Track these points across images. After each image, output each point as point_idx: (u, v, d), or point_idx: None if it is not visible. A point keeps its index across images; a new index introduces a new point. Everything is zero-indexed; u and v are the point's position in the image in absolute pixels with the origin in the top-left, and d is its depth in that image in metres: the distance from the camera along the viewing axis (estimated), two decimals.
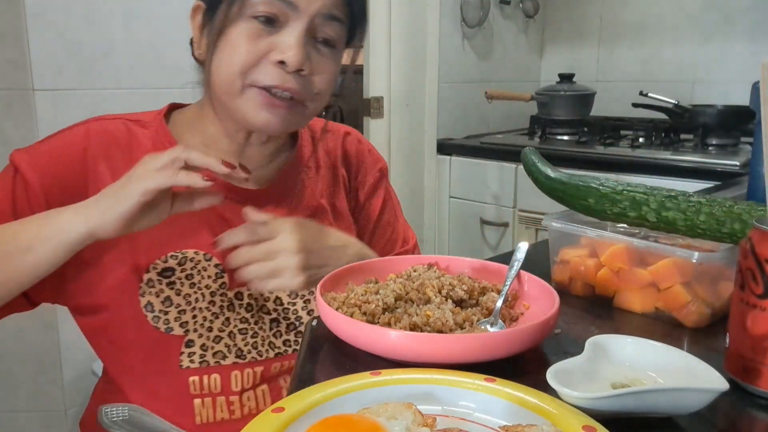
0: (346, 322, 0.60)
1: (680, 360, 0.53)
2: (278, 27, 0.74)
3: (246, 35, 0.74)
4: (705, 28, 2.25)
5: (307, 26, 0.74)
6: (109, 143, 0.80)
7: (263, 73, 0.74)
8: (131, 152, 0.80)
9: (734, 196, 1.00)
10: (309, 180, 0.91)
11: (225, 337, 0.82)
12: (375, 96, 2.07)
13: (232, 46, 0.74)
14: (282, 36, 0.74)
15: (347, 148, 0.98)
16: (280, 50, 0.74)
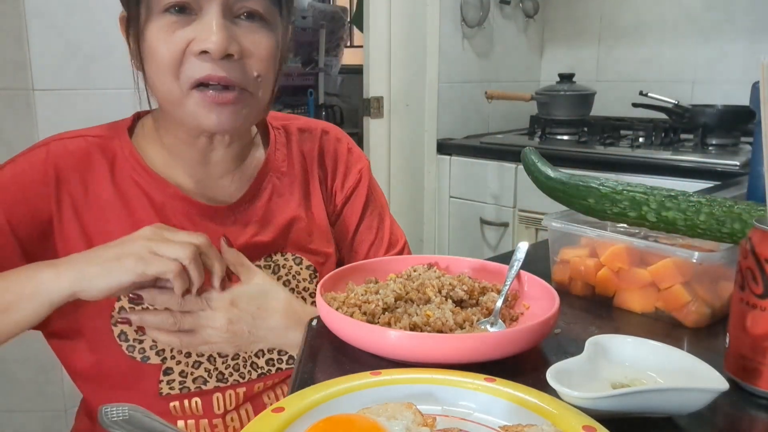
0: (346, 322, 0.60)
1: (680, 360, 0.53)
2: (193, 14, 0.69)
3: (162, 33, 0.69)
4: (705, 28, 2.25)
5: (222, 7, 0.69)
6: (69, 165, 0.76)
7: (191, 69, 0.69)
8: (93, 171, 0.77)
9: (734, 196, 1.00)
10: (284, 187, 0.86)
11: (204, 362, 0.78)
12: (375, 96, 2.07)
13: (152, 49, 0.70)
14: (198, 24, 0.69)
15: (325, 147, 0.91)
16: (199, 40, 0.68)
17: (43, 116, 1.44)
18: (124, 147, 0.79)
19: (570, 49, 2.61)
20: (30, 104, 1.43)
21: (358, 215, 0.92)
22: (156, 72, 0.71)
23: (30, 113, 1.43)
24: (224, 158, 0.81)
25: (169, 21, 0.69)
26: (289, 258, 0.84)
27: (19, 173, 0.75)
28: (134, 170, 0.78)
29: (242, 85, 0.72)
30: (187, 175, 0.80)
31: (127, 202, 0.77)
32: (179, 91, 0.71)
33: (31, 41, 1.40)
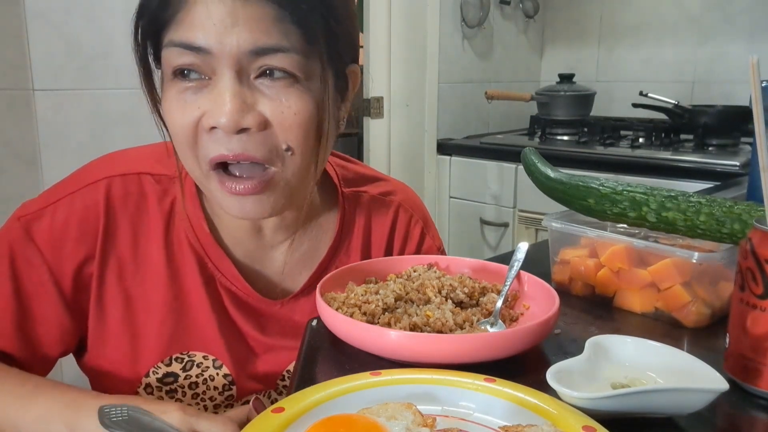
0: (346, 322, 0.60)
1: (680, 360, 0.53)
2: (206, 78, 0.58)
3: (175, 102, 0.59)
4: (705, 28, 2.25)
5: (235, 71, 0.57)
6: (123, 212, 0.68)
7: (205, 147, 0.59)
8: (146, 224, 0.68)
9: (734, 196, 1.00)
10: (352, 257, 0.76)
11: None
12: (375, 96, 2.07)
13: (168, 122, 0.61)
14: (211, 91, 0.58)
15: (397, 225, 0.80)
16: (209, 114, 0.57)
17: (43, 116, 1.43)
18: (187, 194, 0.69)
19: (570, 50, 2.61)
20: (30, 104, 1.43)
21: None
22: (177, 146, 0.62)
23: (30, 113, 1.43)
24: (276, 229, 0.72)
25: (182, 87, 0.59)
26: None
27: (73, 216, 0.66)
28: (191, 229, 0.69)
29: (266, 161, 0.60)
30: (234, 242, 0.71)
31: (176, 269, 0.69)
32: (200, 171, 0.61)
33: (31, 41, 1.40)
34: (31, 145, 1.44)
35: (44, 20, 1.41)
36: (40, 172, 1.44)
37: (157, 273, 0.68)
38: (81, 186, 0.67)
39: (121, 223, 0.67)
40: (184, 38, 0.57)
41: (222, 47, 0.56)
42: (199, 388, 0.70)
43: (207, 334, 0.69)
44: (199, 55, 0.57)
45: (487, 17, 2.35)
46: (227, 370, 0.71)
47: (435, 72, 2.21)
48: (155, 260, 0.68)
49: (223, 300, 0.71)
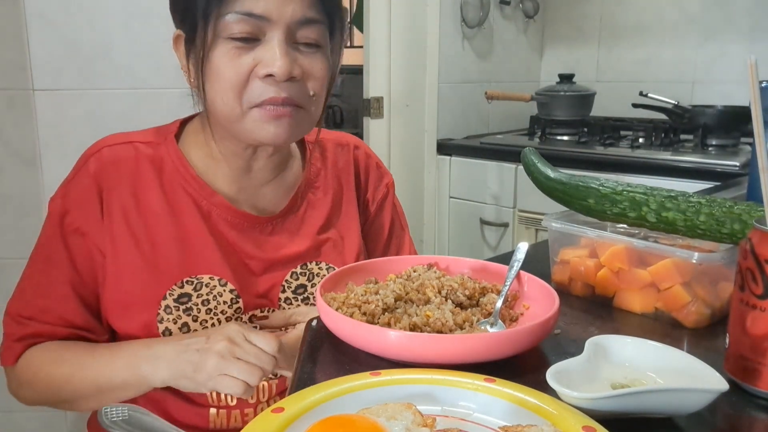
0: (346, 322, 0.60)
1: (680, 360, 0.53)
2: (257, 41, 0.74)
3: (227, 58, 0.74)
4: (705, 28, 2.25)
5: (285, 34, 0.74)
6: (119, 173, 0.82)
7: (255, 90, 0.74)
8: (142, 179, 0.82)
9: (734, 197, 1.00)
10: (317, 200, 0.91)
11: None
12: (375, 96, 2.07)
13: (217, 72, 0.74)
14: (263, 49, 0.74)
15: (358, 163, 0.98)
16: (264, 64, 0.73)
17: (43, 116, 1.44)
18: (172, 154, 0.84)
19: (570, 50, 2.61)
20: (30, 104, 1.43)
21: (387, 228, 1.00)
22: (219, 91, 0.75)
23: (30, 113, 1.43)
24: (265, 167, 0.86)
25: (235, 46, 0.73)
26: (323, 267, 0.89)
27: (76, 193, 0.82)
28: (183, 178, 0.83)
29: (300, 103, 0.77)
30: (229, 182, 0.85)
31: (175, 210, 0.82)
32: (240, 110, 0.75)
33: (31, 41, 1.40)
34: (31, 145, 1.44)
35: (44, 20, 1.41)
36: (40, 172, 1.44)
37: (157, 215, 0.82)
38: (86, 159, 0.83)
39: (120, 180, 0.81)
40: (248, 8, 0.72)
41: (280, 15, 0.73)
42: (210, 303, 0.82)
43: (210, 258, 0.82)
44: (258, 22, 0.73)
45: (487, 17, 2.35)
46: (232, 286, 0.83)
47: (435, 72, 2.21)
48: (154, 205, 0.82)
49: (221, 229, 0.84)
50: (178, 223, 0.82)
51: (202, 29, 0.73)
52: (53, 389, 0.81)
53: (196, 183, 0.83)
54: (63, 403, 0.84)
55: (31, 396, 0.84)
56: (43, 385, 0.81)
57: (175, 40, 0.80)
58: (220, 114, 0.77)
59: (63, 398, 0.82)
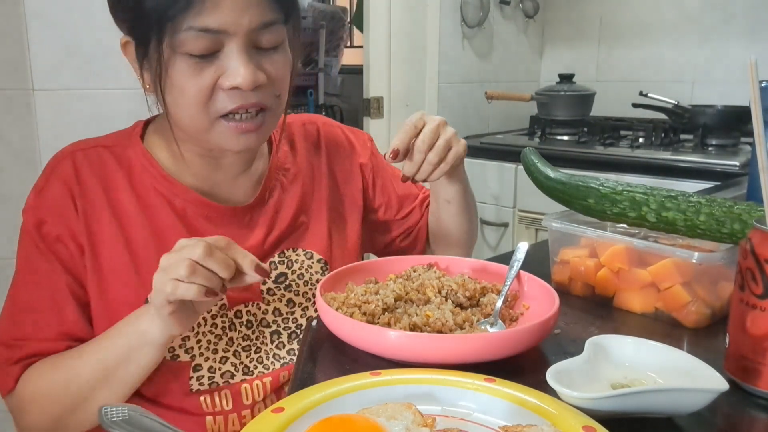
0: (346, 322, 0.60)
1: (680, 360, 0.53)
2: (216, 53, 0.71)
3: (188, 74, 0.71)
4: (705, 28, 2.25)
5: (245, 44, 0.71)
6: (90, 174, 0.80)
7: (222, 102, 0.72)
8: (111, 181, 0.80)
9: (734, 197, 1.00)
10: (289, 183, 0.90)
11: (231, 357, 0.82)
12: (375, 96, 2.07)
13: (179, 88, 0.72)
14: (224, 61, 0.71)
15: (333, 137, 0.97)
16: (228, 76, 0.71)
17: (43, 116, 1.44)
18: (140, 155, 0.82)
19: (570, 50, 2.61)
20: (30, 104, 1.43)
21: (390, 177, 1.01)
22: (182, 106, 0.73)
23: (30, 113, 1.43)
24: (235, 163, 0.84)
25: (194, 62, 0.70)
26: (300, 253, 0.88)
27: (50, 200, 0.79)
28: (153, 178, 0.81)
29: (267, 106, 0.75)
30: (200, 178, 0.83)
31: (149, 211, 0.80)
32: (207, 121, 0.73)
33: (31, 41, 1.40)
34: (31, 145, 1.44)
35: (44, 20, 1.41)
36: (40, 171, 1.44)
37: (131, 217, 0.80)
38: (55, 165, 0.81)
39: (92, 184, 0.80)
40: (203, 23, 0.69)
41: (237, 27, 0.70)
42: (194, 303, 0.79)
43: None
44: (216, 36, 0.70)
45: (487, 17, 2.35)
46: None
47: (435, 72, 2.21)
48: (127, 208, 0.80)
49: (197, 225, 0.82)
50: (152, 224, 0.80)
51: (156, 44, 0.70)
52: (58, 394, 0.76)
53: (166, 182, 0.81)
54: (72, 414, 0.76)
55: (38, 418, 0.78)
56: (47, 395, 0.76)
57: (123, 47, 0.76)
58: (185, 125, 0.75)
59: (70, 403, 0.76)
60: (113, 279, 0.78)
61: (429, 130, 0.82)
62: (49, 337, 0.77)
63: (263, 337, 0.84)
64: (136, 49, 0.74)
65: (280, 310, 0.85)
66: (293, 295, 0.86)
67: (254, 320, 0.84)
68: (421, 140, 0.81)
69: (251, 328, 0.83)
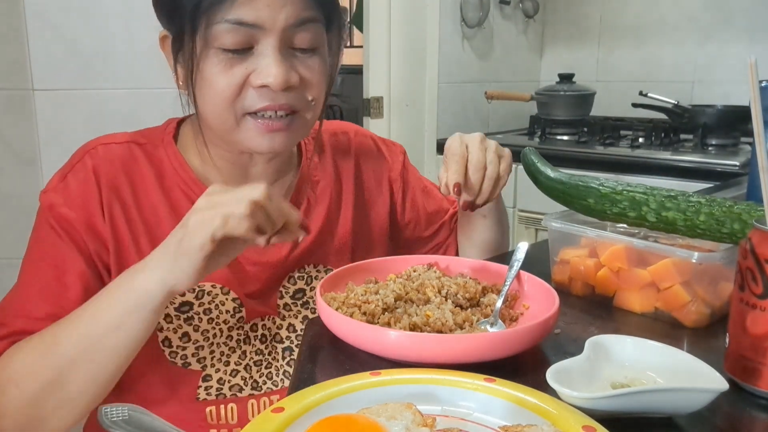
0: (346, 322, 0.60)
1: (680, 360, 0.53)
2: (250, 49, 0.70)
3: (219, 68, 0.70)
4: (705, 28, 2.25)
5: (280, 41, 0.70)
6: (117, 170, 0.77)
7: (251, 100, 0.71)
8: (141, 178, 0.78)
9: (734, 196, 1.00)
10: (318, 196, 0.87)
11: (241, 371, 0.81)
12: (375, 96, 2.07)
13: (209, 82, 0.70)
14: (257, 58, 0.70)
15: (363, 148, 0.94)
16: (259, 74, 0.69)
17: (43, 116, 1.44)
18: (171, 156, 0.80)
19: (570, 50, 2.61)
20: (30, 104, 1.43)
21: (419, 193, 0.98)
22: (210, 101, 0.72)
23: (30, 113, 1.43)
24: (264, 173, 0.82)
25: (227, 57, 0.69)
26: (321, 270, 0.86)
27: (74, 187, 0.76)
28: (183, 180, 0.79)
29: (297, 109, 0.73)
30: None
31: (176, 211, 0.78)
32: (233, 119, 0.72)
33: (31, 41, 1.40)
34: (31, 145, 1.44)
35: (44, 20, 1.41)
36: (40, 171, 1.44)
37: (159, 218, 0.77)
38: (82, 155, 0.78)
39: (119, 178, 0.77)
40: (239, 16, 0.67)
41: (273, 22, 0.68)
42: (212, 313, 0.79)
43: None
44: (251, 30, 0.68)
45: (486, 17, 2.35)
46: (234, 295, 0.79)
47: (435, 72, 2.21)
48: (155, 207, 0.78)
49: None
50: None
51: (189, 37, 0.69)
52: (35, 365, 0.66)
53: (196, 186, 0.79)
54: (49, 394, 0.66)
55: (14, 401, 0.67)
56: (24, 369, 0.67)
57: (161, 41, 0.76)
58: (212, 122, 0.74)
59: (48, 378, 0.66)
60: None
61: (476, 150, 0.79)
62: (40, 316, 0.71)
63: (275, 352, 0.83)
64: (173, 43, 0.73)
65: (294, 327, 0.84)
66: (309, 313, 0.85)
67: (269, 335, 0.83)
68: (475, 167, 0.78)
69: (265, 342, 0.83)
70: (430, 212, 0.98)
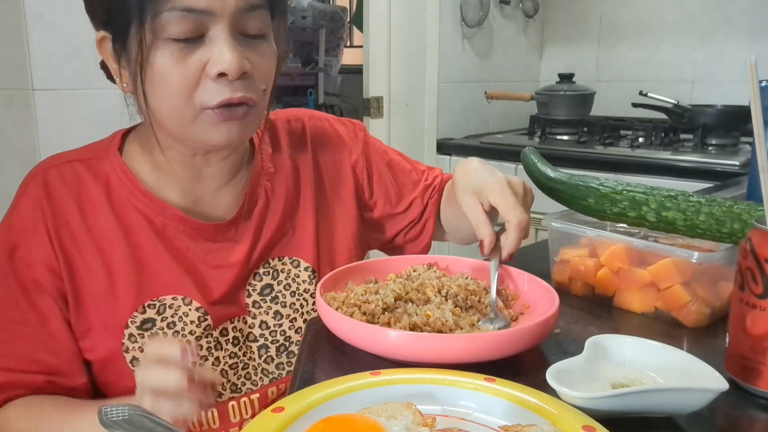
0: (346, 322, 0.60)
1: (680, 360, 0.53)
2: (201, 38, 0.68)
3: (171, 61, 0.67)
4: (705, 28, 2.25)
5: (231, 27, 0.68)
6: (65, 194, 0.76)
7: (209, 92, 0.69)
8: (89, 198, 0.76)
9: (734, 196, 1.00)
10: (275, 187, 0.85)
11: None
12: (375, 96, 2.07)
13: (161, 77, 0.68)
14: (209, 46, 0.68)
15: (323, 132, 0.92)
16: (214, 62, 0.67)
17: (43, 116, 1.43)
18: (118, 169, 0.78)
19: (570, 49, 2.61)
20: (30, 104, 1.43)
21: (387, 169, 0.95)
22: (166, 97, 0.69)
23: (30, 113, 1.43)
24: (219, 172, 0.80)
25: (178, 47, 0.67)
26: (287, 261, 0.84)
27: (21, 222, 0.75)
28: (132, 194, 0.77)
29: (253, 101, 0.72)
30: (181, 193, 0.79)
31: (127, 230, 0.76)
32: (192, 112, 0.70)
33: (31, 41, 1.40)
34: (31, 145, 1.44)
35: (44, 20, 1.41)
36: None
37: (109, 237, 0.76)
38: (26, 186, 0.77)
39: (66, 203, 0.76)
40: (187, 3, 0.65)
41: (223, 7, 0.67)
42: (177, 326, 0.77)
43: (169, 278, 0.77)
44: (201, 17, 0.66)
45: (486, 17, 2.35)
46: (198, 304, 0.78)
47: (435, 72, 2.21)
48: (105, 227, 0.76)
49: (178, 244, 0.78)
50: (131, 243, 0.76)
51: (136, 31, 0.66)
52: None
53: (146, 198, 0.77)
54: None
55: None
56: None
57: (98, 43, 0.73)
58: (167, 119, 0.71)
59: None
60: (90, 302, 0.75)
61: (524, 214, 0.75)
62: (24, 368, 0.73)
63: (251, 352, 0.81)
64: (113, 43, 0.71)
65: (267, 323, 0.82)
66: (280, 307, 0.82)
67: (241, 336, 0.81)
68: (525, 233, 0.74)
69: (238, 345, 0.80)
70: (399, 186, 0.95)
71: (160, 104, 0.70)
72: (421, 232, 0.96)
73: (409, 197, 0.95)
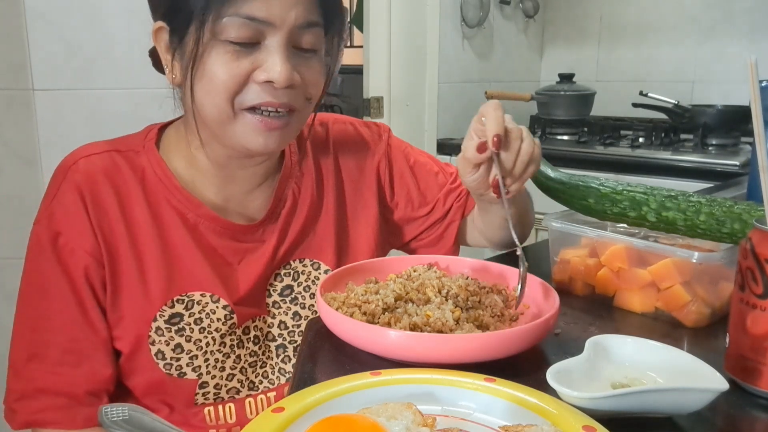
0: (346, 322, 0.60)
1: (680, 360, 0.53)
2: (256, 44, 0.70)
3: (223, 60, 0.70)
4: (705, 28, 2.25)
5: (287, 39, 0.71)
6: (101, 183, 0.76)
7: (252, 94, 0.71)
8: (126, 188, 0.77)
9: (734, 196, 1.00)
10: (303, 191, 0.87)
11: (237, 374, 0.81)
12: (375, 96, 2.07)
13: (211, 74, 0.70)
14: (263, 53, 0.70)
15: (345, 136, 0.93)
16: (264, 69, 0.70)
17: (43, 116, 1.44)
18: (154, 164, 0.79)
19: (570, 49, 2.61)
20: (30, 104, 1.43)
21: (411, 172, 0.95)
22: (210, 92, 0.71)
23: (30, 113, 1.43)
24: (253, 176, 0.82)
25: (233, 49, 0.70)
26: (308, 263, 0.86)
27: (63, 209, 0.75)
28: (167, 189, 0.79)
29: (295, 108, 0.74)
30: (215, 191, 0.81)
31: (160, 224, 0.78)
32: (231, 112, 0.72)
33: (31, 41, 1.40)
34: (31, 145, 1.44)
35: (44, 20, 1.41)
36: (40, 172, 1.44)
37: (143, 230, 0.77)
38: (64, 173, 0.77)
39: (104, 192, 0.76)
40: (250, 11, 0.68)
41: (283, 20, 0.70)
42: (203, 322, 0.78)
43: (199, 274, 0.78)
44: (260, 26, 0.69)
45: (487, 17, 2.35)
46: (225, 302, 0.79)
47: (435, 72, 2.21)
48: (139, 219, 0.77)
49: (209, 241, 0.80)
50: (163, 237, 0.77)
51: (196, 29, 0.69)
52: None
53: (180, 194, 0.78)
54: None
55: None
56: None
57: (155, 33, 0.74)
58: (208, 115, 0.73)
59: None
60: (126, 292, 0.76)
61: (510, 120, 0.74)
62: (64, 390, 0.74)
63: (269, 351, 0.83)
64: (170, 35, 0.73)
65: (285, 324, 0.84)
66: (299, 308, 0.84)
67: (261, 335, 0.83)
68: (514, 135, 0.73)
69: (258, 343, 0.82)
70: (422, 189, 0.95)
71: (204, 100, 0.72)
72: (443, 235, 0.95)
73: (432, 200, 0.95)
